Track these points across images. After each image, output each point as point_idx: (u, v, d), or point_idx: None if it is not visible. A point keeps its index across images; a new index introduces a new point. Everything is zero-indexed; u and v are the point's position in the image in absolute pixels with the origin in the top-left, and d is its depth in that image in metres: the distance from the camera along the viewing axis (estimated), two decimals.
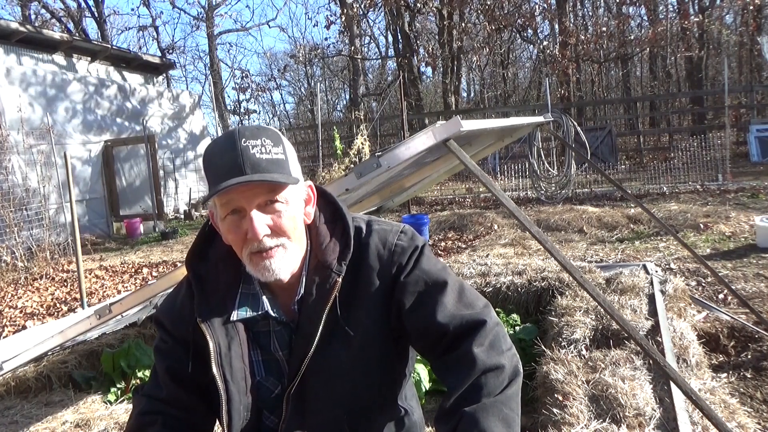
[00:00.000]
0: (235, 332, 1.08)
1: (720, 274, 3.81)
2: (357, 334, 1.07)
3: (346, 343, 1.07)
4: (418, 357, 1.63)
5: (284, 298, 1.11)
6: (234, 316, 1.07)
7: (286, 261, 1.04)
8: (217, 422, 1.18)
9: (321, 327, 1.05)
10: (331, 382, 1.09)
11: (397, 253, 1.10)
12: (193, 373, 1.11)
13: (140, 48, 25.11)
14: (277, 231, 1.02)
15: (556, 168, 9.26)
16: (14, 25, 11.05)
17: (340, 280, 1.06)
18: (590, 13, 20.90)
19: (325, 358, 1.07)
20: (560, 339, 2.54)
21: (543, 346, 2.51)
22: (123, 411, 2.37)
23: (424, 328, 1.07)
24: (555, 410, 1.92)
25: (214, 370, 1.05)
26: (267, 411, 1.12)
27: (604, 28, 16.10)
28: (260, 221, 1.00)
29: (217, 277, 1.10)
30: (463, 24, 16.36)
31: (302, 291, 1.08)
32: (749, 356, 3.00)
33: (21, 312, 5.48)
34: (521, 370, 1.04)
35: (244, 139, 0.99)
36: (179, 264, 3.89)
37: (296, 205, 1.07)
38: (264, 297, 1.09)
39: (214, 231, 1.13)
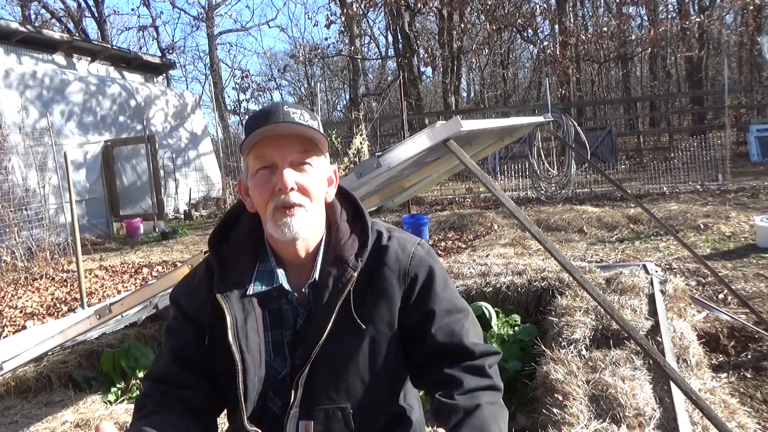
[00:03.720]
0: (252, 307, 1.13)
1: (720, 274, 3.81)
2: (368, 328, 1.13)
3: (357, 336, 1.13)
4: None
5: (296, 280, 1.16)
6: (250, 290, 1.13)
7: (305, 222, 1.11)
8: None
9: (333, 317, 1.10)
10: (340, 372, 1.13)
11: (415, 261, 1.17)
12: (200, 354, 1.14)
13: (140, 48, 25.12)
14: (302, 190, 1.10)
15: (556, 168, 9.26)
16: (14, 25, 11.05)
17: (355, 275, 1.12)
18: (590, 13, 20.90)
19: (335, 347, 1.11)
20: (560, 339, 2.54)
21: (543, 346, 2.52)
22: (123, 411, 2.37)
23: (438, 343, 1.14)
24: (555, 410, 1.92)
25: (231, 340, 1.08)
26: (272, 392, 1.15)
27: (605, 28, 16.10)
28: (290, 175, 1.08)
29: (236, 257, 1.16)
30: (463, 24, 16.35)
31: (316, 276, 1.14)
32: (749, 356, 3.00)
33: (21, 312, 5.48)
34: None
35: (286, 107, 1.10)
36: (179, 264, 3.89)
37: (322, 174, 1.15)
38: (279, 270, 1.14)
39: (236, 216, 1.22)
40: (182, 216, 12.33)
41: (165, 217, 11.34)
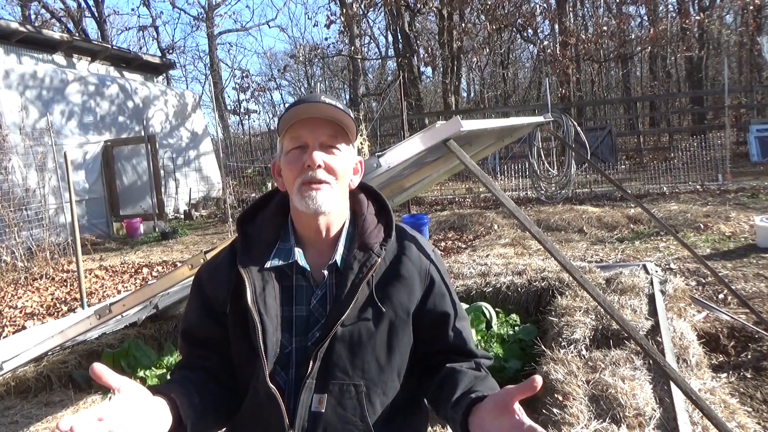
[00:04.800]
0: (270, 278, 1.21)
1: (720, 274, 3.81)
2: (387, 311, 1.21)
3: (376, 318, 1.20)
4: None
5: (315, 260, 1.23)
6: (268, 264, 1.21)
7: (329, 197, 1.19)
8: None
9: (356, 297, 1.17)
10: (357, 350, 1.18)
11: (434, 264, 1.30)
12: (210, 333, 1.23)
13: (140, 48, 25.13)
14: (328, 168, 1.19)
15: (556, 168, 9.26)
16: (14, 25, 11.05)
17: (379, 260, 1.21)
18: (590, 13, 20.89)
19: (354, 326, 1.18)
20: (560, 339, 2.54)
21: (543, 346, 2.51)
22: None
23: (444, 343, 1.27)
24: (555, 410, 1.92)
25: (250, 303, 1.16)
26: (279, 366, 1.18)
27: (605, 28, 16.09)
28: (319, 155, 1.18)
29: (261, 235, 1.26)
30: (463, 24, 16.35)
31: (337, 258, 1.21)
32: (749, 356, 3.00)
33: (21, 312, 5.48)
34: None
35: (323, 96, 1.20)
36: (179, 264, 3.90)
37: (348, 160, 1.24)
38: (296, 249, 1.23)
39: (266, 201, 1.33)
40: (182, 216, 12.32)
41: (165, 217, 11.33)
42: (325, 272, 1.21)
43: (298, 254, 1.22)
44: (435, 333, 1.26)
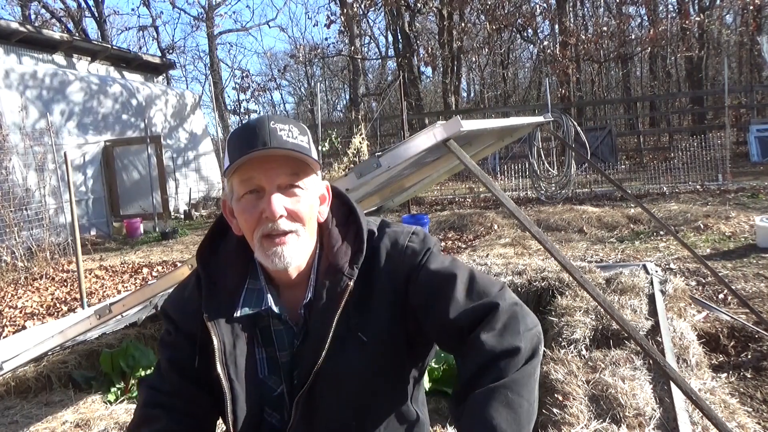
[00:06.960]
0: (241, 332, 1.06)
1: (720, 274, 3.81)
2: (370, 339, 1.05)
3: (360, 349, 1.04)
4: None
5: (290, 299, 1.09)
6: (237, 312, 1.05)
7: (298, 249, 1.02)
8: (220, 420, 1.18)
9: (332, 332, 1.02)
10: (342, 387, 1.06)
11: (407, 255, 1.07)
12: (197, 367, 1.09)
13: (140, 48, 25.13)
14: (293, 215, 1.01)
15: (556, 168, 9.26)
16: (14, 25, 11.05)
17: (351, 284, 1.03)
18: (590, 13, 20.90)
19: (335, 364, 1.03)
20: (560, 339, 2.54)
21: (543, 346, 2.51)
22: (123, 411, 2.37)
23: (441, 326, 1.03)
24: (555, 410, 1.92)
25: (219, 369, 1.02)
26: (269, 408, 1.10)
27: (605, 28, 16.09)
28: (279, 202, 0.98)
29: (226, 272, 1.09)
30: (463, 24, 16.35)
31: (310, 295, 1.06)
32: (749, 356, 3.00)
33: (21, 312, 5.48)
34: (540, 350, 0.99)
35: (273, 122, 0.99)
36: (179, 264, 3.90)
37: (314, 195, 1.05)
38: (268, 294, 1.06)
39: (225, 226, 1.12)
40: (182, 216, 12.32)
41: (169, 216, 11.34)
42: (302, 311, 1.07)
43: (271, 300, 1.06)
44: (430, 326, 1.06)
